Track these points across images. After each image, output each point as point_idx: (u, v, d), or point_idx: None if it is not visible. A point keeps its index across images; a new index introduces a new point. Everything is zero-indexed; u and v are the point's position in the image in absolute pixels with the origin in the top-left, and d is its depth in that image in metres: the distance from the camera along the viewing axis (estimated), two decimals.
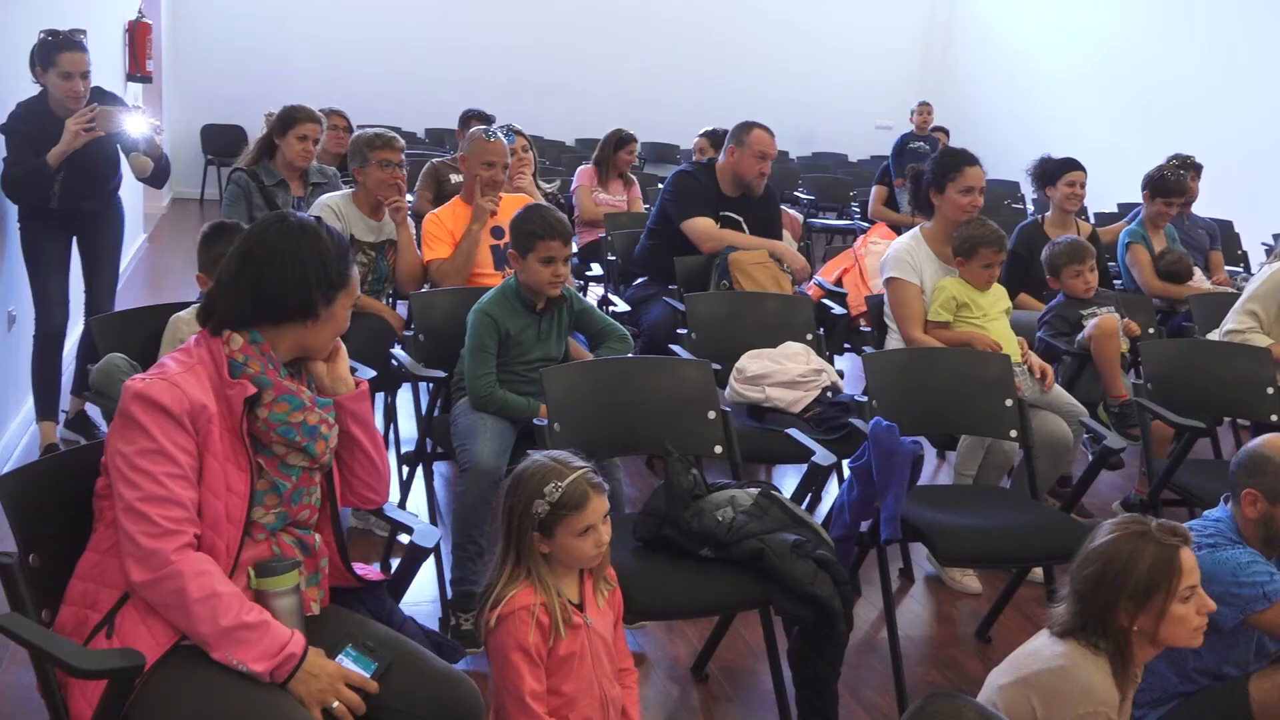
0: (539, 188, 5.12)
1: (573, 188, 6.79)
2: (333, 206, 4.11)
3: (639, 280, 5.06)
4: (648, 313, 4.77)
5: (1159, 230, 5.70)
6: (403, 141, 4.18)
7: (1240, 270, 6.80)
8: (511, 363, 3.38)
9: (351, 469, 2.24)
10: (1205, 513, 2.75)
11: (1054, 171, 5.29)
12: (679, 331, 4.13)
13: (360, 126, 4.82)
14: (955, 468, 4.11)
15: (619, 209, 6.59)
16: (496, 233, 4.14)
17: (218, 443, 1.94)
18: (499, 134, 4.27)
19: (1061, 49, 12.23)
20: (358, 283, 2.15)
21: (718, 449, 3.14)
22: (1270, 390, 3.95)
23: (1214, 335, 4.52)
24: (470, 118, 6.44)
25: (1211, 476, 3.77)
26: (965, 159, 4.11)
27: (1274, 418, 3.90)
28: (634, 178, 6.99)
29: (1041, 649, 2.20)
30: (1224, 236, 6.96)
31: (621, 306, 4.86)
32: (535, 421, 2.98)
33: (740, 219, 4.90)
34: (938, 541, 3.00)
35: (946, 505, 3.28)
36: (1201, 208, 6.65)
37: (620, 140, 6.80)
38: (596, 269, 5.76)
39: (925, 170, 4.20)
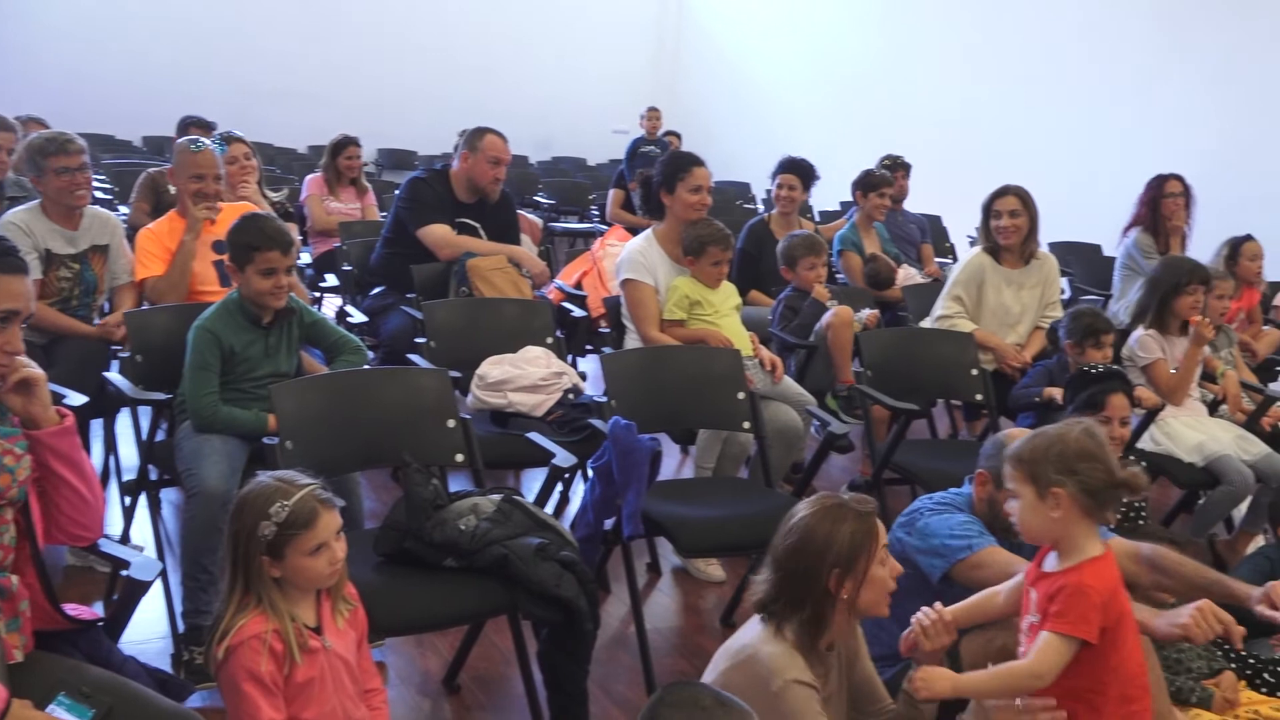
0: (265, 196, 4.93)
1: (303, 196, 6.57)
2: (18, 224, 3.78)
3: (376, 290, 4.95)
4: (386, 322, 4.68)
5: (871, 229, 6.08)
6: (81, 143, 3.86)
7: (950, 261, 7.32)
8: (239, 380, 3.23)
9: (58, 506, 2.08)
10: (949, 489, 2.94)
11: (774, 173, 5.59)
12: (418, 340, 4.07)
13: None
14: (695, 461, 4.24)
15: (353, 217, 6.42)
16: (219, 247, 3.93)
17: None
18: (208, 143, 4.07)
19: (785, 57, 12.83)
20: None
21: (459, 457, 3.12)
22: (974, 372, 4.28)
23: (926, 322, 4.85)
24: (189, 125, 6.11)
25: (928, 455, 4.05)
26: (692, 160, 4.24)
27: (978, 397, 4.22)
28: (368, 185, 6.84)
29: (738, 639, 2.30)
30: (933, 230, 7.51)
31: (359, 317, 4.75)
32: (265, 440, 2.86)
33: (477, 225, 4.87)
34: (678, 534, 3.09)
35: (686, 498, 3.37)
36: (912, 204, 7.14)
37: (338, 145, 6.62)
38: (332, 279, 5.60)
39: (654, 173, 4.31)
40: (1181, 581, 2.72)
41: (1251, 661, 3.27)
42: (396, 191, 5.04)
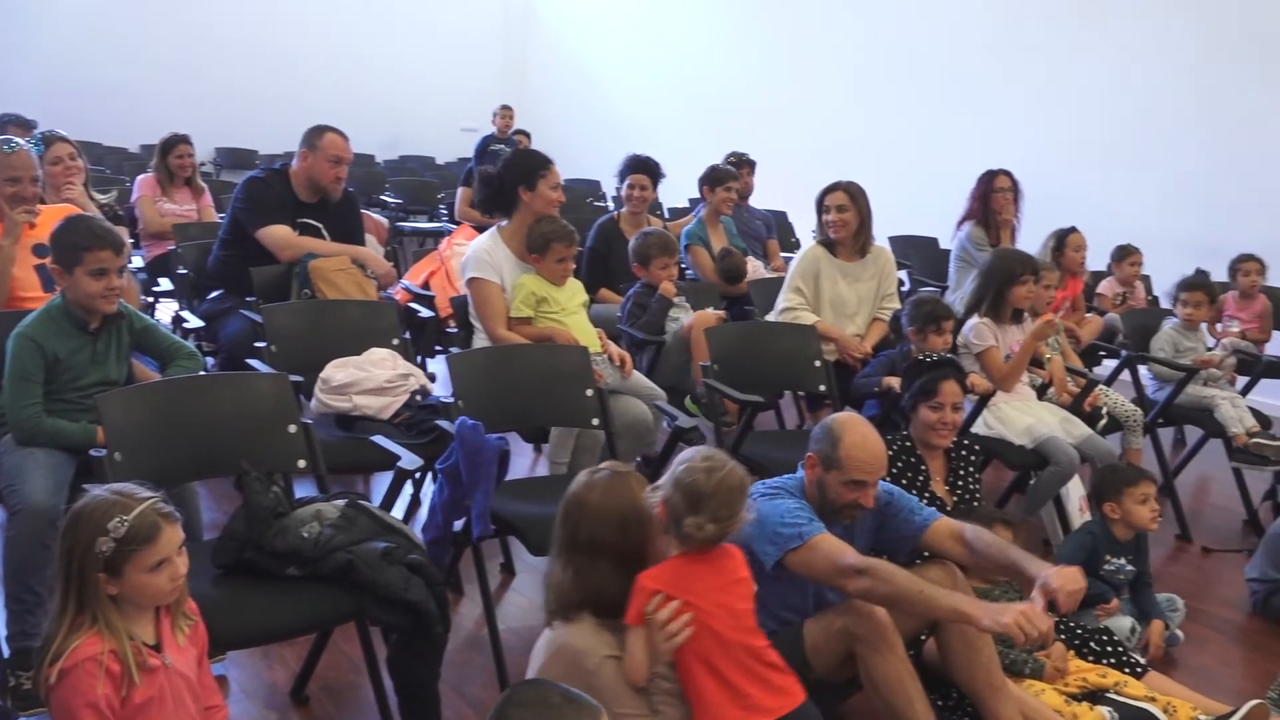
0: (92, 198, 4.71)
1: (133, 198, 6.30)
2: None
3: (214, 294, 4.79)
4: (225, 327, 4.54)
5: (718, 224, 6.17)
6: None
7: (795, 256, 7.49)
8: (64, 390, 3.09)
9: None
10: (786, 475, 3.01)
11: (624, 172, 5.63)
12: (258, 345, 3.95)
13: None
14: (549, 458, 4.24)
15: (188, 218, 6.19)
16: (41, 251, 3.74)
17: None
18: (22, 144, 3.87)
19: (631, 56, 12.91)
20: None
21: (301, 463, 3.05)
22: (817, 363, 4.39)
23: (771, 316, 4.95)
24: (7, 124, 5.82)
25: (776, 446, 4.14)
26: (546, 157, 4.26)
27: (821, 388, 4.33)
28: (204, 185, 6.61)
29: (546, 634, 2.37)
30: (779, 226, 7.66)
31: (195, 322, 4.59)
32: (92, 453, 2.74)
33: (319, 225, 4.77)
34: (529, 533, 3.08)
35: (538, 496, 3.36)
36: (759, 201, 7.28)
37: (167, 144, 6.37)
38: (166, 284, 5.40)
39: (499, 172, 4.29)
40: (990, 561, 2.88)
41: (1079, 632, 3.45)
42: (234, 192, 4.89)
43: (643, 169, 5.68)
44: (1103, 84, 8.17)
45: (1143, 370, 5.32)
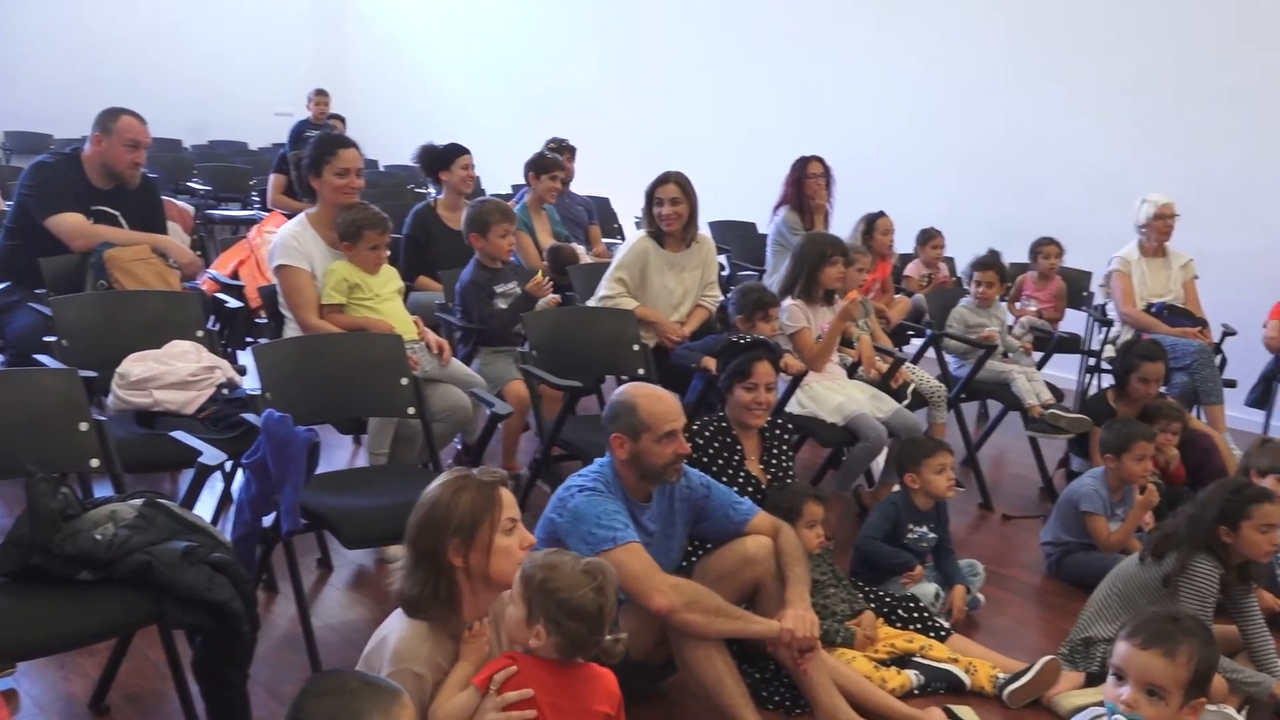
0: None
1: None
2: None
3: (0, 286, 4.50)
4: (12, 322, 4.27)
5: (542, 211, 6.15)
6: None
7: (618, 242, 7.53)
8: None
9: None
10: (596, 460, 3.02)
11: (444, 157, 5.52)
12: (48, 339, 3.73)
13: None
14: (368, 449, 4.15)
15: None
16: None
17: None
18: None
19: (451, 41, 12.75)
20: None
21: (94, 462, 2.89)
22: (636, 347, 4.43)
23: (591, 302, 4.96)
24: None
25: (595, 430, 4.14)
26: (339, 142, 4.13)
27: (640, 371, 4.37)
28: None
29: (385, 624, 2.29)
30: (602, 212, 7.69)
31: None
32: None
33: (116, 213, 4.53)
34: (341, 526, 3.01)
35: (352, 489, 3.29)
36: (580, 186, 7.29)
37: None
38: None
39: (304, 156, 4.16)
40: (768, 573, 3.03)
41: (887, 600, 3.58)
42: (19, 178, 4.61)
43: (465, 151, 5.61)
44: (910, 76, 8.51)
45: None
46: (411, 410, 3.58)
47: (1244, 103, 6.77)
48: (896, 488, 3.98)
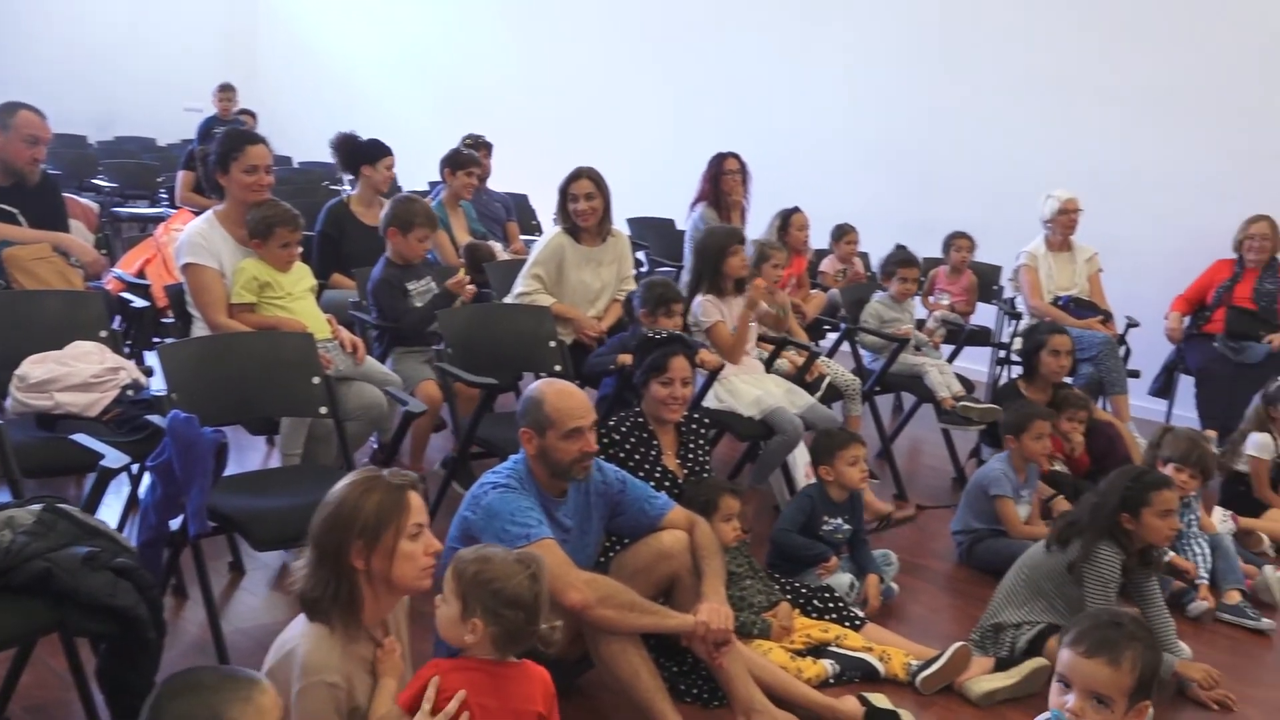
0: None
1: None
2: None
3: None
4: None
5: (458, 208, 6.11)
6: None
7: (536, 238, 7.50)
8: None
9: None
10: (510, 457, 3.01)
11: (369, 153, 5.46)
12: None
13: None
14: (280, 449, 4.08)
15: None
16: None
17: None
18: None
19: (364, 36, 12.59)
20: None
21: None
22: (552, 343, 4.42)
23: (508, 299, 4.93)
24: None
25: (511, 427, 4.12)
26: (247, 138, 4.05)
27: (557, 368, 4.36)
28: None
29: (288, 629, 2.25)
30: (520, 208, 7.65)
31: None
32: None
33: (15, 211, 4.41)
34: (250, 528, 2.96)
35: (263, 490, 3.24)
36: (496, 183, 7.25)
37: None
38: None
39: (210, 153, 4.08)
40: (683, 566, 3.06)
41: (803, 591, 3.62)
42: None
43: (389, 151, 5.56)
44: (825, 75, 8.61)
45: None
46: (324, 410, 3.53)
47: (1147, 101, 6.96)
48: (812, 480, 4.02)
